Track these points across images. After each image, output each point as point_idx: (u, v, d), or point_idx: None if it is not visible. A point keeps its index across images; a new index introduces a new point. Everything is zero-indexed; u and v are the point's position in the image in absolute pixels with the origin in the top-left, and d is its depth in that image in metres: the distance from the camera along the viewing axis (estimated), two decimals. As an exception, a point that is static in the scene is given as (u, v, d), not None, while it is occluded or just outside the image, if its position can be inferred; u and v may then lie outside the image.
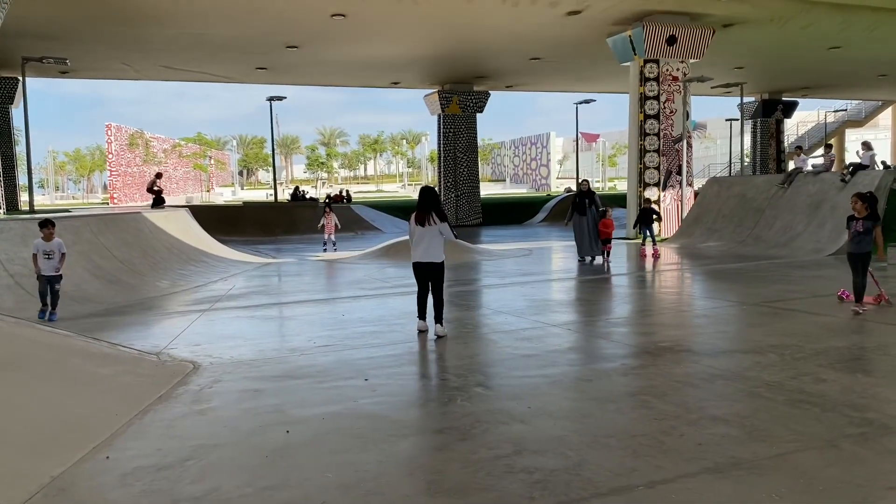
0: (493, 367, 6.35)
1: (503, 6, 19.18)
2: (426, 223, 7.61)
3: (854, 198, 8.50)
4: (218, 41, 22.36)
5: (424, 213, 7.62)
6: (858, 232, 8.32)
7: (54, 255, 9.50)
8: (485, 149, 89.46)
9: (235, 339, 7.75)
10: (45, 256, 9.45)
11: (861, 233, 8.29)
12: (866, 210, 8.33)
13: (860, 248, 8.36)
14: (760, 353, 6.54)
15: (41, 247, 9.49)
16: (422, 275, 7.77)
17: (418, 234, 7.66)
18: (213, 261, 15.57)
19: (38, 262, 9.43)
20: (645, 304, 10.28)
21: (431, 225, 7.59)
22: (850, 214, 8.54)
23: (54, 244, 9.55)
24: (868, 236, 8.29)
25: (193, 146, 62.11)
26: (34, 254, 9.50)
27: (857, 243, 8.37)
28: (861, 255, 8.37)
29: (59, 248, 9.59)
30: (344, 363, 6.48)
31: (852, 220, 8.44)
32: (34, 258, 9.48)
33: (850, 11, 20.77)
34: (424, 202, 7.72)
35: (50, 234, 9.55)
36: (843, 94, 42.51)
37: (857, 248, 8.38)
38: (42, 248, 9.48)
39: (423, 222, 7.63)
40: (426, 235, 7.62)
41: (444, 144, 33.10)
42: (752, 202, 18.22)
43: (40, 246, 9.50)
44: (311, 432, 4.63)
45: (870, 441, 4.24)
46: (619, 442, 4.33)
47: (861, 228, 8.30)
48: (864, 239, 8.30)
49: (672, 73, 21.13)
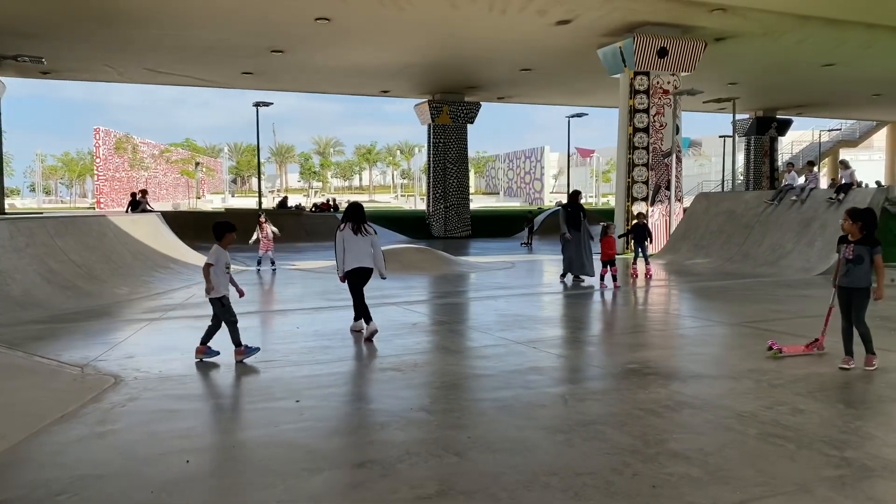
0: (442, 389, 5.80)
1: (491, 14, 18.75)
2: (358, 233, 8.07)
3: (845, 215, 6.42)
4: (201, 44, 21.89)
5: (357, 224, 8.10)
6: (848, 259, 6.29)
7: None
8: (479, 161, 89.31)
9: (173, 352, 7.19)
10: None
11: (852, 260, 6.25)
12: (860, 232, 6.27)
13: (852, 280, 6.26)
14: (735, 378, 6.01)
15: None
16: (356, 280, 8.12)
17: (351, 242, 8.07)
18: (180, 267, 14.99)
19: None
20: (620, 322, 9.75)
21: (364, 235, 8.10)
22: (841, 235, 6.53)
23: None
24: (862, 265, 6.21)
25: (182, 152, 61.65)
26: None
27: (846, 274, 6.30)
28: (854, 291, 6.28)
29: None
30: (279, 381, 5.92)
31: (844, 242, 6.42)
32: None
33: (844, 27, 20.37)
34: (356, 215, 8.21)
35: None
36: (838, 113, 42.24)
37: (849, 281, 6.29)
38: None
39: (356, 232, 8.07)
40: (359, 244, 8.07)
41: (434, 155, 32.64)
42: (741, 219, 17.74)
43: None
44: (215, 463, 4.08)
45: (847, 487, 3.69)
46: (560, 481, 3.78)
47: (851, 255, 6.25)
48: (857, 269, 6.22)
49: (663, 86, 20.69)
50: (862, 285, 6.26)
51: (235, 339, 6.74)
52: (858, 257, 6.23)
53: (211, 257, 6.80)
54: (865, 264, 6.24)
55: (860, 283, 6.26)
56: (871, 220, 6.34)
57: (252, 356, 6.76)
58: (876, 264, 6.27)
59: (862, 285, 6.26)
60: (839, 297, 6.45)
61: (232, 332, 6.75)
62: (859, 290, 6.26)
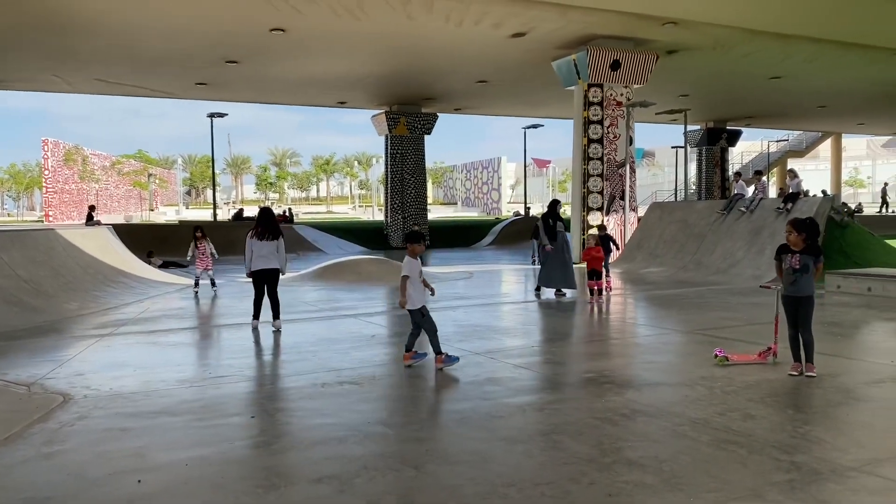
0: (400, 402, 5.78)
1: (446, 26, 18.85)
2: (264, 237, 9.13)
3: (788, 226, 6.52)
4: (153, 54, 21.53)
5: (265, 229, 9.15)
6: (795, 269, 6.39)
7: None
8: (437, 171, 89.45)
9: (125, 368, 7.02)
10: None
11: (798, 270, 6.37)
12: (804, 242, 6.40)
13: (798, 289, 6.39)
14: (689, 385, 6.11)
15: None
16: (261, 280, 9.25)
17: (258, 246, 9.16)
18: (133, 281, 14.67)
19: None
20: (577, 331, 9.84)
21: (270, 239, 9.14)
22: (782, 244, 6.66)
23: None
24: (807, 274, 6.35)
25: (135, 163, 60.51)
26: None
27: (793, 283, 6.41)
28: (800, 300, 6.41)
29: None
30: (235, 397, 5.83)
31: (786, 252, 6.52)
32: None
33: (790, 41, 21.00)
34: (264, 221, 9.30)
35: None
36: (785, 124, 43.48)
37: (795, 290, 6.41)
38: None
39: (263, 237, 9.13)
40: (266, 248, 9.16)
41: (391, 165, 32.61)
42: (694, 228, 18.10)
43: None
44: (167, 482, 3.98)
45: (797, 490, 3.78)
46: (519, 492, 3.79)
47: (798, 265, 6.37)
48: (803, 278, 6.35)
49: (616, 97, 21.03)
50: (807, 293, 6.39)
51: (436, 348, 6.83)
52: (804, 266, 6.36)
53: (405, 269, 6.85)
54: (810, 273, 6.38)
55: (806, 292, 6.39)
56: (815, 231, 6.48)
57: (452, 365, 6.79)
58: (818, 269, 6.45)
59: (807, 293, 6.39)
60: (785, 307, 6.55)
61: (432, 340, 6.85)
62: (806, 299, 6.40)
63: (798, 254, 6.40)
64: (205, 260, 14.17)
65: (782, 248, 6.58)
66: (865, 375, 6.44)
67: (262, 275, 9.28)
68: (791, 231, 6.45)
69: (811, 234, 6.43)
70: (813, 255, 6.40)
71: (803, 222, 6.49)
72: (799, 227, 6.42)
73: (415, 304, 6.85)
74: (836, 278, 12.79)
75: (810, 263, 6.37)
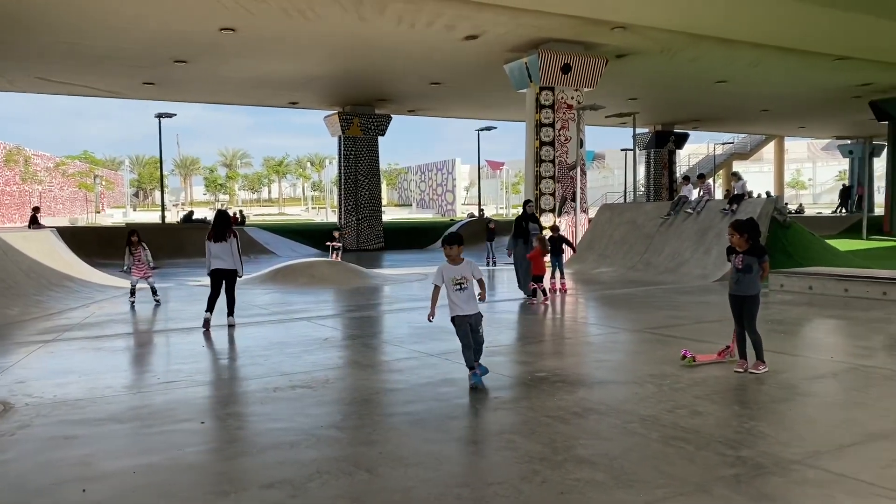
0: (354, 405, 5.75)
1: (399, 28, 18.83)
2: (221, 239, 9.66)
3: (731, 229, 6.65)
4: (98, 52, 20.98)
5: (220, 231, 9.67)
6: (738, 269, 6.56)
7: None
8: (391, 173, 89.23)
9: (69, 375, 6.83)
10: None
11: (741, 270, 6.53)
12: (747, 243, 6.54)
13: (742, 288, 6.54)
14: (639, 383, 6.22)
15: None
16: (218, 279, 9.77)
17: (217, 248, 9.69)
18: (78, 286, 14.29)
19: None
20: (529, 331, 9.93)
21: (226, 240, 9.66)
22: (729, 245, 6.79)
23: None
24: (751, 274, 6.50)
25: (80, 165, 58.90)
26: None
27: (737, 282, 6.58)
28: (744, 299, 6.56)
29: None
30: (183, 403, 5.73)
31: (731, 252, 6.71)
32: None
33: (734, 46, 21.55)
34: (218, 223, 9.82)
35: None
36: (731, 127, 44.61)
37: (739, 289, 6.57)
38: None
39: (222, 238, 9.67)
40: (221, 249, 9.68)
41: (345, 167, 32.41)
42: (643, 228, 18.43)
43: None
44: (114, 490, 3.89)
45: (742, 484, 3.88)
46: (472, 493, 3.81)
47: (741, 265, 6.53)
48: (746, 277, 6.50)
49: (567, 101, 21.29)
50: (752, 293, 6.54)
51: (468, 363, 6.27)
52: (748, 267, 6.50)
53: (436, 278, 6.33)
54: (754, 273, 6.52)
55: (750, 291, 6.53)
56: (756, 231, 6.62)
57: (480, 378, 6.19)
58: (763, 268, 6.57)
59: (752, 293, 6.54)
60: (731, 305, 6.72)
61: (464, 355, 6.28)
62: (750, 298, 6.55)
63: (742, 254, 6.54)
64: (141, 268, 12.53)
65: (730, 249, 6.73)
66: (807, 371, 6.65)
67: (219, 274, 9.78)
68: (733, 234, 6.60)
69: (752, 234, 6.57)
70: (757, 255, 6.53)
71: (743, 223, 6.63)
72: (739, 229, 6.56)
73: (452, 312, 6.35)
74: (780, 277, 13.17)
75: (754, 264, 6.50)
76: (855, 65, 24.37)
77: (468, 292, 6.25)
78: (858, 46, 22.79)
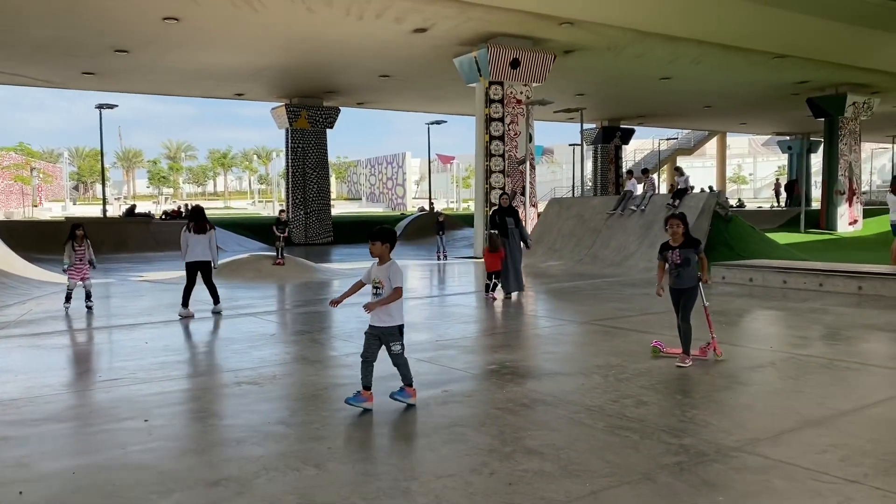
0: (301, 401, 5.69)
1: (347, 19, 18.67)
2: (199, 232, 10.23)
3: (675, 221, 6.71)
4: (34, 41, 20.25)
5: (198, 224, 10.28)
6: (677, 264, 6.60)
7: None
8: (340, 166, 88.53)
9: (5, 374, 6.60)
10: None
11: (680, 264, 6.59)
12: (683, 236, 6.62)
13: (682, 282, 6.63)
14: (585, 374, 6.32)
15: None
16: (194, 270, 10.25)
17: (194, 240, 10.22)
18: (14, 282, 13.79)
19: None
20: (479, 324, 9.98)
21: (203, 234, 10.25)
22: (663, 242, 6.86)
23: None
24: (689, 267, 6.59)
25: (16, 156, 56.84)
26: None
27: (678, 277, 6.65)
28: (683, 291, 6.66)
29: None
30: (126, 401, 5.59)
31: (667, 249, 6.73)
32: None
33: (677, 43, 22.00)
34: (198, 217, 10.42)
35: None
36: (675, 123, 45.54)
37: (679, 283, 6.64)
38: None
39: (202, 231, 10.26)
40: (201, 241, 10.24)
41: (292, 160, 32.00)
42: (590, 222, 18.69)
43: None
44: (53, 491, 3.77)
45: (685, 472, 3.97)
46: (421, 486, 3.81)
47: (679, 259, 6.58)
48: (686, 271, 6.59)
49: (516, 95, 21.43)
50: (691, 285, 6.66)
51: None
52: (686, 260, 6.60)
53: (365, 274, 5.54)
54: (692, 265, 6.62)
55: (689, 284, 6.65)
56: (688, 224, 6.80)
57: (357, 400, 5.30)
58: (701, 259, 6.68)
59: (691, 285, 6.66)
60: (672, 298, 6.80)
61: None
62: (689, 290, 6.68)
63: (678, 248, 6.63)
64: (82, 269, 11.01)
65: (664, 245, 6.81)
66: (747, 361, 6.84)
67: (196, 266, 10.25)
68: (678, 225, 6.66)
69: (687, 227, 6.74)
70: (693, 246, 6.63)
71: (681, 216, 6.79)
72: (685, 220, 6.74)
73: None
74: (721, 269, 13.52)
75: (691, 256, 6.60)
76: (793, 63, 25.14)
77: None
78: (796, 45, 23.54)
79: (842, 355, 7.00)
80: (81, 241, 11.06)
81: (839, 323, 8.93)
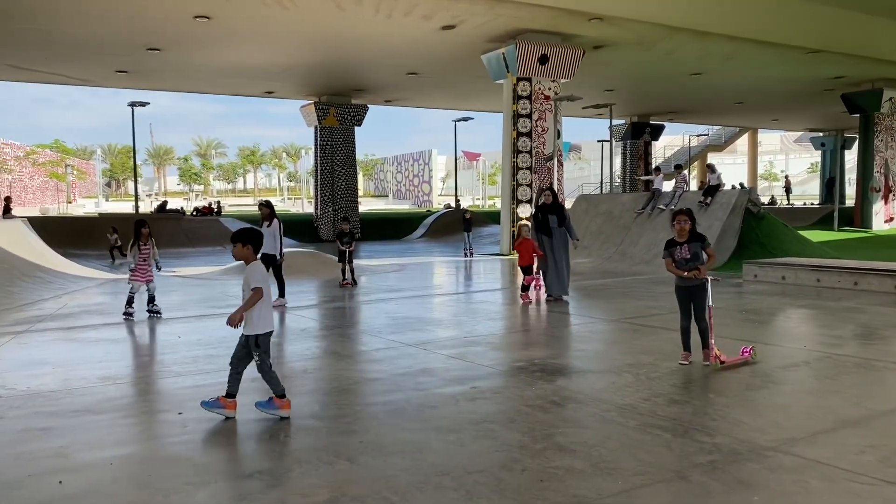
0: (332, 395, 5.74)
1: (376, 17, 18.72)
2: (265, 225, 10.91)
3: (683, 217, 6.55)
4: (71, 40, 20.62)
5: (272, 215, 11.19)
6: (686, 259, 6.43)
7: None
8: (367, 164, 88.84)
9: (43, 367, 6.74)
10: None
11: (689, 259, 6.41)
12: (689, 232, 6.48)
13: (690, 279, 6.45)
14: (616, 372, 6.28)
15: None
16: (266, 264, 10.07)
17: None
18: (50, 276, 14.07)
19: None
20: (507, 321, 9.96)
21: (268, 227, 10.87)
22: (668, 239, 6.67)
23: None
24: (698, 262, 6.40)
25: (51, 154, 57.89)
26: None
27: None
28: (695, 290, 6.47)
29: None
30: (161, 394, 5.69)
31: (673, 245, 6.55)
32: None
33: (709, 39, 21.72)
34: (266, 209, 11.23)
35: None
36: (706, 119, 44.97)
37: (688, 281, 6.45)
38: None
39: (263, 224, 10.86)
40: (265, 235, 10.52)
41: (321, 157, 32.21)
42: (619, 219, 18.55)
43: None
44: (91, 482, 3.85)
45: (718, 470, 3.94)
46: (452, 481, 3.82)
47: (688, 255, 6.41)
48: (695, 266, 6.41)
49: (544, 91, 21.33)
50: (700, 282, 6.42)
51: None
52: (695, 255, 6.40)
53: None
54: (701, 260, 6.41)
55: (698, 281, 6.42)
56: (695, 220, 6.64)
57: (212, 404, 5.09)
58: (709, 254, 6.49)
59: (700, 282, 6.42)
60: (679, 298, 6.59)
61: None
62: (698, 287, 6.45)
63: (685, 244, 6.45)
64: (147, 270, 9.88)
65: (670, 242, 6.59)
66: (781, 360, 6.75)
67: (265, 259, 9.89)
68: (686, 221, 6.47)
69: (694, 222, 6.56)
70: (700, 241, 6.46)
71: (687, 211, 6.63)
72: (692, 216, 6.56)
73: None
74: (753, 267, 13.33)
75: (699, 251, 6.42)
76: (827, 58, 24.70)
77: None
78: (831, 40, 23.11)
79: (879, 355, 6.88)
80: (147, 239, 9.86)
81: (875, 322, 8.77)
